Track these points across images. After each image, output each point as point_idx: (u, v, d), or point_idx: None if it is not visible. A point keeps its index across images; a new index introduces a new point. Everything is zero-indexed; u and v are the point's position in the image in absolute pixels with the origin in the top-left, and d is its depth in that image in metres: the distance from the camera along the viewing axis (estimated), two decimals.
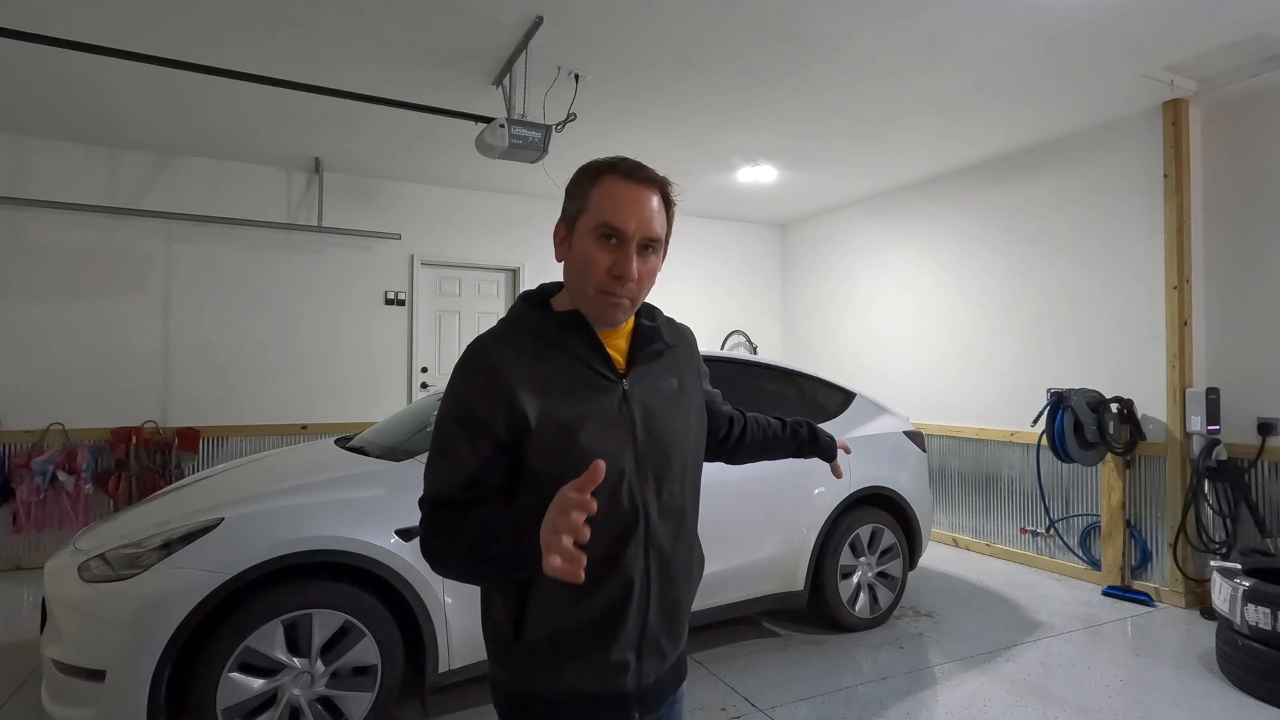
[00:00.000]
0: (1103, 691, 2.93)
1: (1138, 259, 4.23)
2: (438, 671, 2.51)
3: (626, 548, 1.04)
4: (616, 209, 1.01)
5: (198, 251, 5.07)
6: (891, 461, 3.78)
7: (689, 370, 1.21)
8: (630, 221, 1.01)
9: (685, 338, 1.25)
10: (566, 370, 1.05)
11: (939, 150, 4.95)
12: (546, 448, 1.00)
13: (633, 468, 1.05)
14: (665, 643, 1.11)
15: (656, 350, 1.14)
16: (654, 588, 1.07)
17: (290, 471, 2.83)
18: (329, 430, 5.26)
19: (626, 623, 1.05)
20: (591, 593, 1.02)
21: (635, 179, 1.03)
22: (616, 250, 1.01)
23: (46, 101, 4.08)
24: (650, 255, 1.05)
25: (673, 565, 1.10)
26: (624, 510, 1.04)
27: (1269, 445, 3.80)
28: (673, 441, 1.11)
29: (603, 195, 1.02)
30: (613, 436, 1.04)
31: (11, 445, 4.55)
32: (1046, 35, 3.27)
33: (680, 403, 1.15)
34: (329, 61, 3.55)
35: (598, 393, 1.05)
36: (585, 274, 1.03)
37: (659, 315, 1.20)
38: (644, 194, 1.03)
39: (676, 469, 1.10)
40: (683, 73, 3.68)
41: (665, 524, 1.08)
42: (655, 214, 1.03)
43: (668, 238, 1.10)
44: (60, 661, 2.20)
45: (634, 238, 1.01)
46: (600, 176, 1.04)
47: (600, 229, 1.01)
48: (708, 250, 7.01)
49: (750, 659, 3.25)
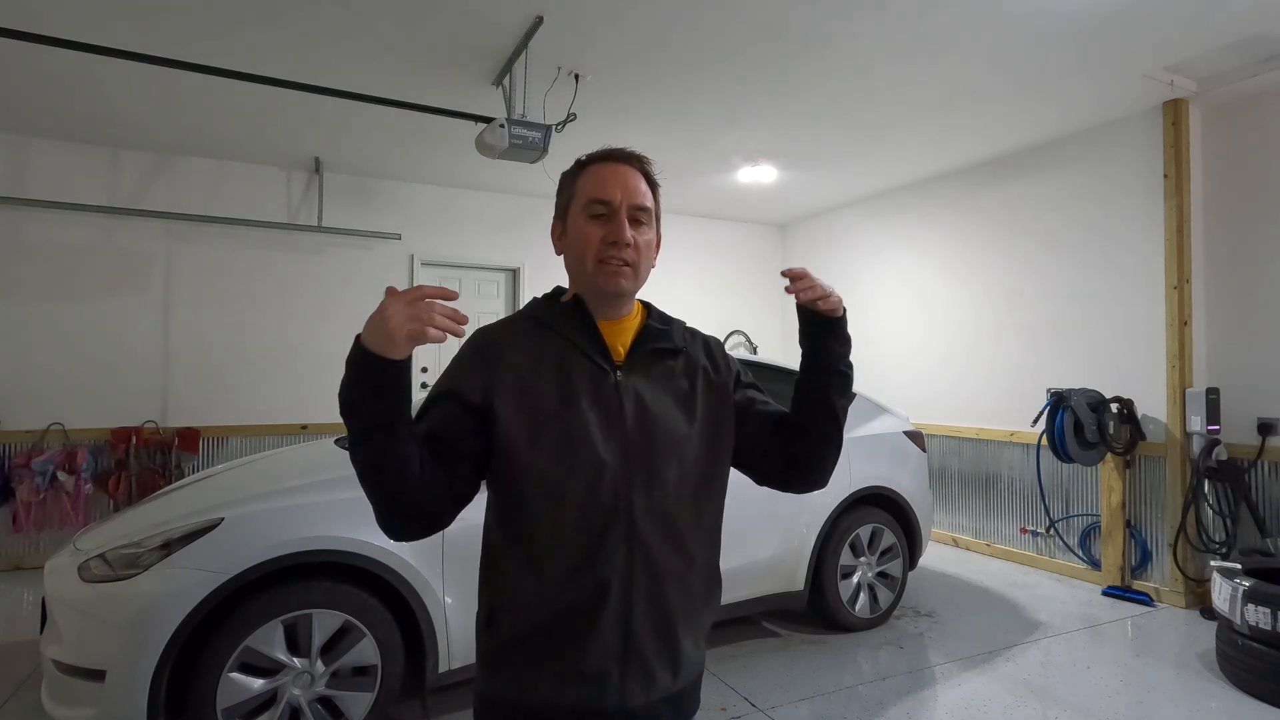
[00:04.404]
0: (1103, 691, 2.93)
1: (1138, 259, 4.22)
2: (438, 671, 2.51)
3: (604, 542, 1.00)
4: (600, 184, 1.06)
5: (198, 251, 5.07)
6: (891, 461, 3.78)
7: (709, 379, 1.15)
8: (615, 192, 1.05)
9: (710, 347, 1.21)
10: (558, 352, 1.06)
11: (939, 150, 4.95)
12: (521, 423, 1.01)
13: (617, 459, 1.02)
14: (656, 663, 1.03)
15: (662, 349, 1.12)
16: (638, 592, 1.01)
17: (290, 471, 2.83)
18: (329, 430, 5.25)
19: (602, 625, 0.99)
20: (564, 583, 0.99)
21: (614, 159, 1.09)
22: (608, 222, 1.05)
23: (46, 101, 4.07)
24: (643, 226, 1.08)
25: (662, 570, 1.03)
26: (602, 501, 1.01)
27: (1269, 445, 3.80)
28: (669, 441, 1.06)
29: (587, 179, 1.08)
30: (595, 422, 1.02)
31: (11, 445, 4.55)
32: (1046, 35, 3.27)
33: (688, 406, 1.11)
34: (329, 61, 3.55)
35: (586, 377, 1.05)
36: (582, 252, 1.06)
37: (677, 324, 1.19)
38: (625, 169, 1.08)
39: (671, 470, 1.06)
40: (683, 73, 3.68)
41: (653, 524, 1.03)
42: (640, 185, 1.08)
43: (659, 217, 1.13)
44: (60, 661, 2.20)
45: (622, 206, 1.05)
46: (583, 167, 1.10)
47: (589, 207, 1.06)
48: (708, 250, 7.01)
49: (750, 659, 3.25)
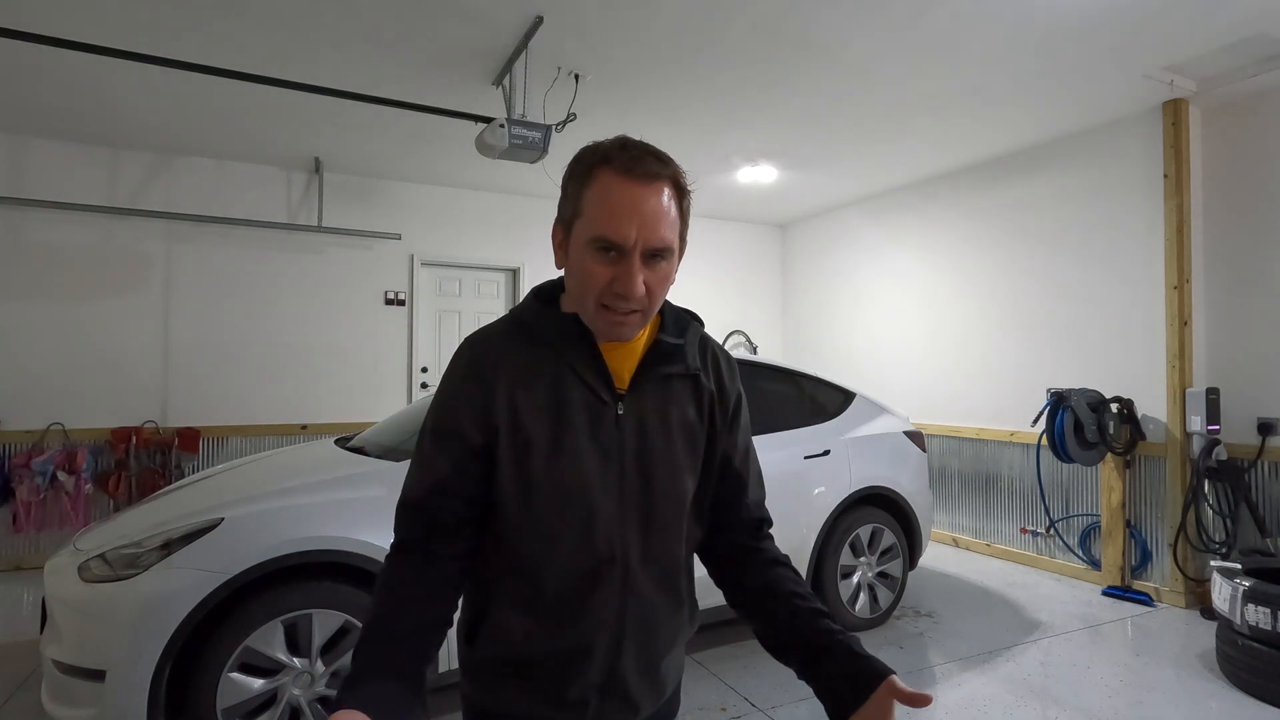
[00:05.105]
0: (1103, 691, 2.93)
1: (1138, 259, 4.22)
2: (438, 671, 2.50)
3: (595, 592, 0.92)
4: (611, 218, 0.85)
5: (198, 251, 5.07)
6: (891, 461, 3.78)
7: (713, 405, 1.02)
8: (629, 231, 0.85)
9: (720, 367, 1.05)
10: (555, 381, 0.92)
11: (939, 150, 4.94)
12: (511, 463, 0.91)
13: (614, 502, 0.92)
14: (638, 692, 0.97)
15: (671, 373, 0.98)
16: (629, 640, 0.94)
17: (290, 472, 2.83)
18: (329, 430, 5.25)
19: (589, 666, 0.93)
20: (553, 629, 0.92)
21: (634, 176, 0.86)
22: (617, 264, 0.86)
23: (46, 101, 4.07)
24: (660, 263, 0.89)
25: (656, 619, 0.96)
26: (598, 549, 0.92)
27: (1269, 445, 3.80)
28: (670, 480, 0.96)
29: (597, 200, 0.87)
30: (592, 464, 0.91)
31: (11, 445, 4.55)
32: (1046, 35, 3.27)
33: (691, 439, 0.99)
34: (329, 62, 3.55)
35: (585, 412, 0.92)
36: (584, 289, 0.89)
37: (693, 333, 1.02)
38: (645, 194, 0.86)
39: (670, 512, 0.96)
40: (683, 73, 3.68)
41: (649, 571, 0.95)
42: (662, 216, 0.87)
43: (683, 235, 0.93)
44: (60, 661, 2.19)
45: (636, 248, 0.86)
46: (594, 173, 0.88)
47: (595, 242, 0.87)
48: (708, 250, 7.01)
49: (750, 659, 3.25)
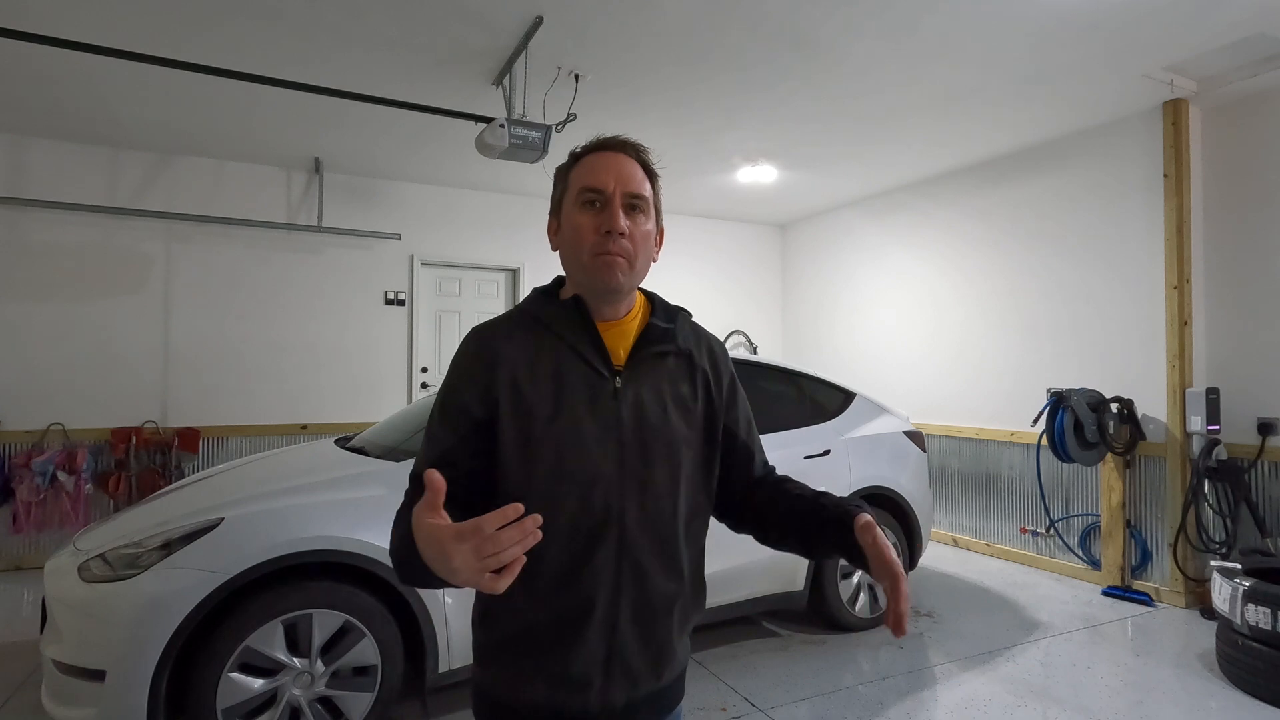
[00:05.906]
0: (1103, 691, 2.93)
1: (1138, 259, 4.22)
2: (438, 671, 2.51)
3: (594, 555, 0.98)
4: (593, 172, 1.01)
5: (198, 251, 5.07)
6: (891, 461, 3.78)
7: (708, 384, 1.11)
8: (608, 179, 1.00)
9: (713, 350, 1.16)
10: (556, 357, 1.02)
11: (939, 150, 4.94)
12: (513, 429, 0.98)
13: (612, 469, 0.99)
14: (640, 667, 1.02)
15: (664, 351, 1.07)
16: (626, 604, 1.00)
17: (290, 471, 2.83)
18: (329, 430, 5.26)
19: (588, 634, 0.98)
20: (552, 593, 0.98)
21: (607, 147, 1.04)
22: (601, 211, 1.00)
23: (46, 101, 4.07)
24: (639, 215, 1.02)
25: (650, 580, 1.01)
26: (595, 513, 0.98)
27: (1269, 445, 3.80)
28: (665, 451, 1.03)
29: (580, 169, 1.03)
30: (591, 433, 0.99)
31: (11, 445, 4.55)
32: (1046, 36, 3.27)
33: (685, 413, 1.07)
34: (329, 62, 3.55)
35: (584, 385, 1.01)
36: (577, 243, 1.01)
37: (682, 319, 1.13)
38: (619, 157, 1.03)
39: (665, 482, 1.02)
40: (683, 73, 3.68)
41: (645, 536, 1.01)
42: (635, 173, 1.02)
43: (659, 209, 1.08)
44: (60, 661, 2.20)
45: (615, 194, 1.00)
46: (576, 160, 1.05)
47: (581, 195, 1.01)
48: (708, 250, 7.01)
49: (750, 659, 3.25)
